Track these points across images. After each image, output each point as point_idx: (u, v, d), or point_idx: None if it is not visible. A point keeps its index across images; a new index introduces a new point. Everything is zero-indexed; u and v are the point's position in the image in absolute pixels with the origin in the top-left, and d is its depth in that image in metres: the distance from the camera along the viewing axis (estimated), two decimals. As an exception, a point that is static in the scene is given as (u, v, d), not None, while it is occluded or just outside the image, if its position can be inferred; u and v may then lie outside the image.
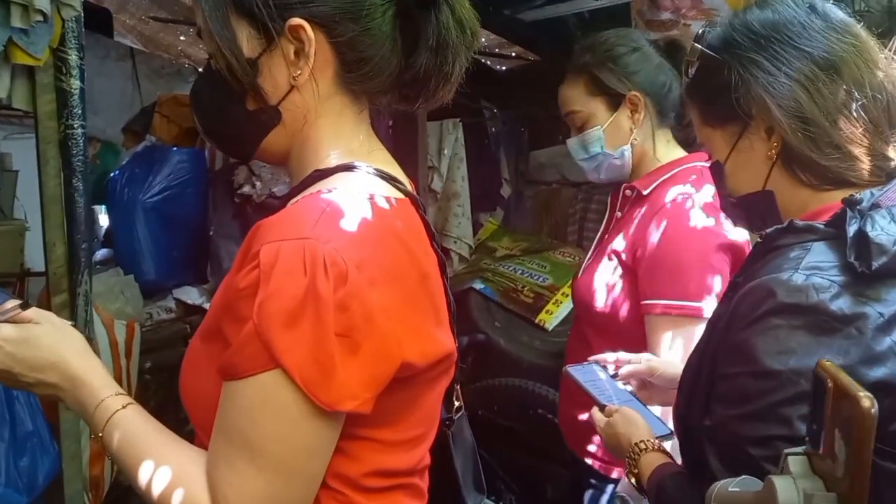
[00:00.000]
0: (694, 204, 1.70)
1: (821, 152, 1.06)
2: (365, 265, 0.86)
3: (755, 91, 1.09)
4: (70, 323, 1.08)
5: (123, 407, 0.98)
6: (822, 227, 1.02)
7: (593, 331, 1.85)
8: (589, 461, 1.89)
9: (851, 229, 0.97)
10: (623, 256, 1.77)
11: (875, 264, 0.94)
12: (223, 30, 0.96)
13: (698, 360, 1.11)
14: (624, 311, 1.76)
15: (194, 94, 1.06)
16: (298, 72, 0.97)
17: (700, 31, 1.20)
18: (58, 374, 1.00)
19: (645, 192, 1.82)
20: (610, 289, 1.79)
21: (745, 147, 1.14)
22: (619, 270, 1.78)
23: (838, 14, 1.12)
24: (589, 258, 1.94)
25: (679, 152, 1.89)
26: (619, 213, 1.92)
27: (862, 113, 1.06)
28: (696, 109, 1.23)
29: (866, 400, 0.66)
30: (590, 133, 1.85)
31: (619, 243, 1.79)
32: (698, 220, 1.68)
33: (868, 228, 0.96)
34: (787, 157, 1.10)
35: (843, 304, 0.94)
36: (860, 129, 1.06)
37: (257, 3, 0.95)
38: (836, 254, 0.98)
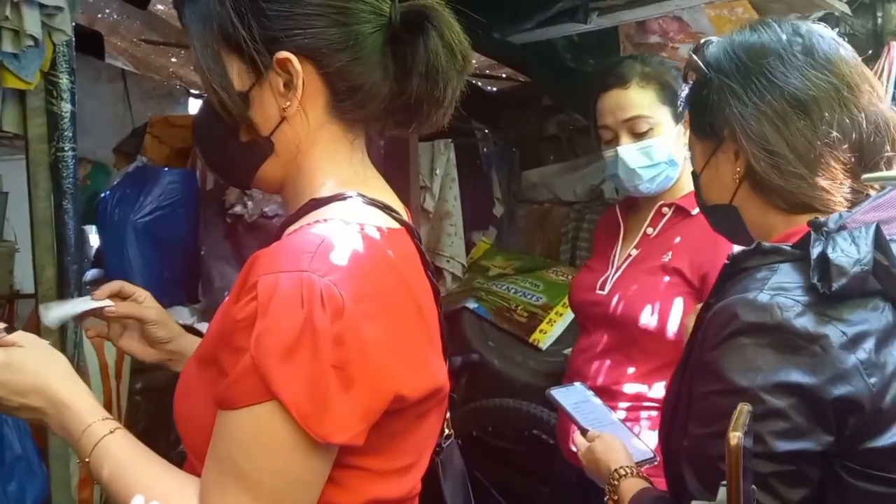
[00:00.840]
0: None
1: (786, 181, 1.09)
2: (361, 298, 0.86)
3: (727, 117, 1.12)
4: (48, 342, 1.08)
5: (111, 432, 0.97)
6: (788, 248, 1.04)
7: (636, 348, 1.79)
8: None
9: (815, 251, 0.99)
10: (687, 275, 1.75)
11: (835, 286, 0.96)
12: (214, 65, 0.98)
13: (678, 382, 1.13)
14: (676, 326, 1.73)
15: (195, 128, 1.08)
16: (287, 103, 0.98)
17: (702, 41, 1.23)
18: (42, 398, 1.00)
19: (693, 213, 1.79)
20: (664, 305, 1.76)
21: (715, 164, 1.19)
22: (681, 288, 1.75)
23: (824, 49, 1.12)
24: (614, 273, 1.90)
25: None
26: (650, 230, 1.89)
27: (828, 151, 1.08)
28: (689, 118, 1.26)
29: (734, 438, 0.74)
30: (659, 140, 1.82)
31: (678, 261, 1.77)
32: None
33: (829, 251, 0.98)
34: (754, 182, 1.13)
35: (806, 323, 0.96)
36: (826, 166, 1.08)
37: (245, 39, 0.95)
38: (801, 275, 1.00)
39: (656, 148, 1.82)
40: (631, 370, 1.76)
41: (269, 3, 0.96)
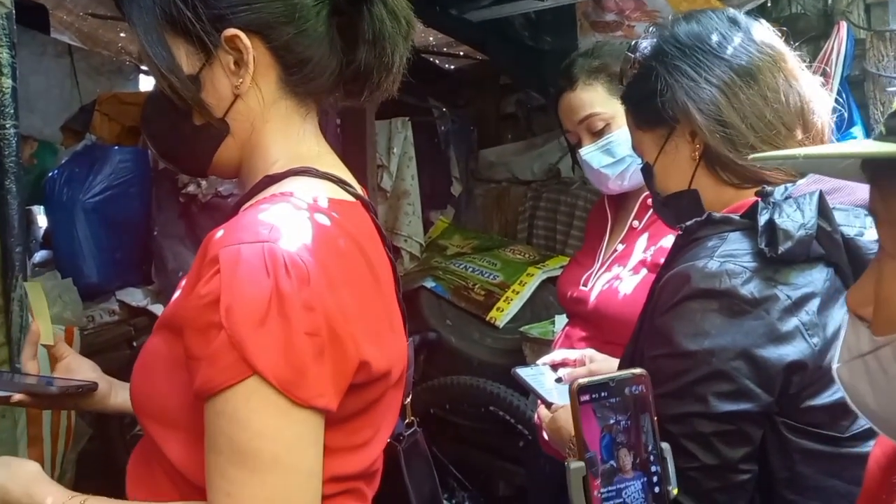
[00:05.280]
0: None
1: (738, 153, 1.14)
2: (324, 267, 0.87)
3: (679, 96, 1.17)
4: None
5: (83, 503, 0.94)
6: (737, 218, 1.10)
7: (612, 344, 1.67)
8: None
9: (762, 219, 1.04)
10: None
11: (781, 249, 1.01)
12: (160, 51, 0.97)
13: (632, 351, 1.18)
14: None
15: (144, 119, 1.07)
16: (240, 80, 0.98)
17: (634, 42, 1.29)
18: None
19: None
20: (640, 302, 1.66)
21: (671, 149, 1.22)
22: None
23: (758, 30, 1.21)
24: (599, 269, 1.85)
25: None
26: (636, 223, 1.84)
27: (777, 117, 1.15)
28: (630, 114, 1.30)
29: (575, 384, 0.84)
30: (616, 135, 1.76)
31: (660, 257, 1.65)
32: None
33: (776, 216, 1.03)
34: (710, 159, 1.18)
35: (752, 289, 1.02)
36: (774, 132, 1.14)
37: (190, 19, 0.95)
38: (749, 242, 1.06)
39: (617, 143, 1.77)
40: None
41: None
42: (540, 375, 1.55)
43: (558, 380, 1.54)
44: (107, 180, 3.17)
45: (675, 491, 0.87)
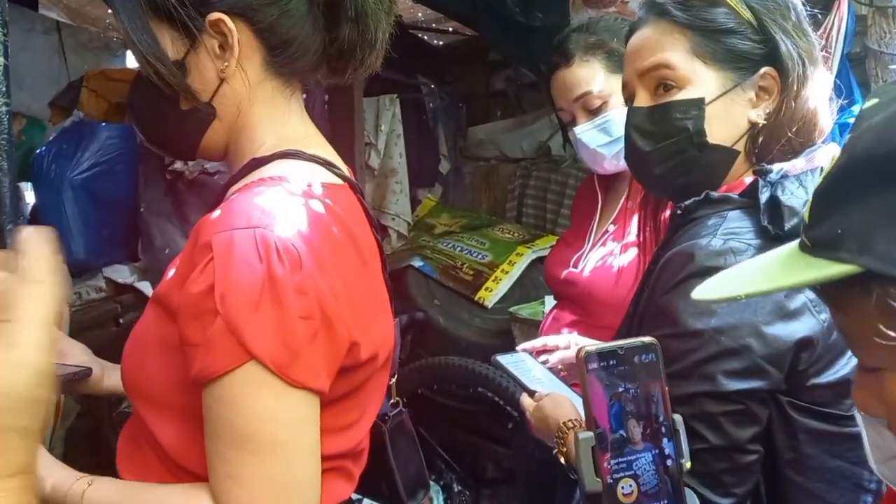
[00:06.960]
0: None
1: (793, 132, 1.12)
2: (314, 251, 0.88)
3: (776, 48, 1.11)
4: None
5: (89, 484, 0.96)
6: (736, 197, 1.09)
7: (601, 325, 1.65)
8: None
9: (764, 196, 1.04)
10: None
11: (787, 225, 1.00)
12: (145, 37, 0.98)
13: (626, 333, 1.17)
14: None
15: (131, 106, 1.08)
16: (225, 64, 0.99)
17: None
18: None
19: None
20: (633, 283, 1.60)
21: (738, 98, 1.14)
22: None
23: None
24: (590, 250, 1.83)
25: None
26: (630, 204, 1.78)
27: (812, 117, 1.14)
28: (686, 39, 1.14)
29: (581, 351, 0.82)
30: (613, 114, 1.71)
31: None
32: None
33: (779, 194, 1.03)
34: (764, 130, 1.13)
35: None
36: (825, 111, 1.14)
37: (174, 5, 0.96)
38: (750, 220, 1.05)
39: (613, 122, 1.72)
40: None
41: None
42: (521, 362, 1.53)
43: (544, 362, 1.53)
44: (94, 157, 3.15)
45: (689, 465, 0.86)
